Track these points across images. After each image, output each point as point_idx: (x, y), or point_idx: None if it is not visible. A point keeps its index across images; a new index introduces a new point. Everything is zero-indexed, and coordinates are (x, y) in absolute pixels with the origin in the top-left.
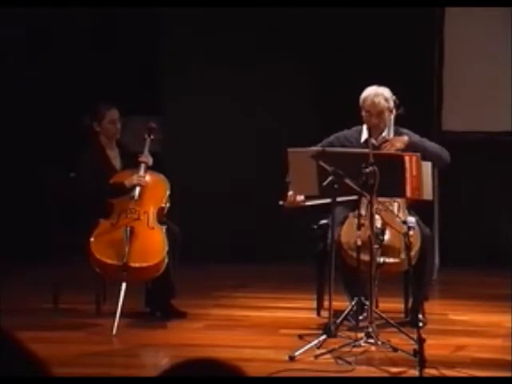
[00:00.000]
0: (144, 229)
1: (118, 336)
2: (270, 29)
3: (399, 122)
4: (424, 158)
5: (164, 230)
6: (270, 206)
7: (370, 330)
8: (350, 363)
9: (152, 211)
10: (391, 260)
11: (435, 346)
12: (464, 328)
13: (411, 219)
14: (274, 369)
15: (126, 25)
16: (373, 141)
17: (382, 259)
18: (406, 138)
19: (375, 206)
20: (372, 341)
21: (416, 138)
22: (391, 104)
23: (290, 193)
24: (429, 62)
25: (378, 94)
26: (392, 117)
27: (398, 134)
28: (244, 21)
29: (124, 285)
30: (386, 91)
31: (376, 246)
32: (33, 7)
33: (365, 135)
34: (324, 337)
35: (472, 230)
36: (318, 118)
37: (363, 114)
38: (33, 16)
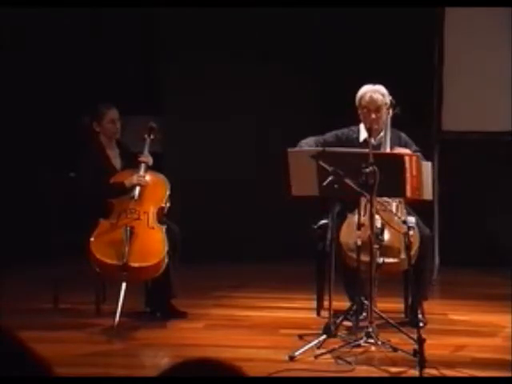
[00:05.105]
0: (144, 229)
1: (118, 336)
2: (271, 29)
3: (397, 122)
4: None
5: (164, 230)
6: (270, 206)
7: (370, 330)
8: (350, 363)
9: (152, 211)
10: (391, 260)
11: (435, 346)
12: (464, 328)
13: (411, 219)
14: (273, 369)
15: (126, 24)
16: (372, 141)
17: (381, 259)
18: (408, 151)
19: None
20: (372, 341)
21: (412, 149)
22: (387, 100)
23: None
24: (429, 62)
25: (375, 90)
26: (389, 116)
27: (396, 136)
28: (244, 21)
29: (124, 285)
30: (382, 88)
31: (376, 246)
32: (33, 7)
33: (363, 135)
34: (324, 337)
35: (472, 230)
36: (318, 118)
37: (361, 111)
38: (33, 16)
